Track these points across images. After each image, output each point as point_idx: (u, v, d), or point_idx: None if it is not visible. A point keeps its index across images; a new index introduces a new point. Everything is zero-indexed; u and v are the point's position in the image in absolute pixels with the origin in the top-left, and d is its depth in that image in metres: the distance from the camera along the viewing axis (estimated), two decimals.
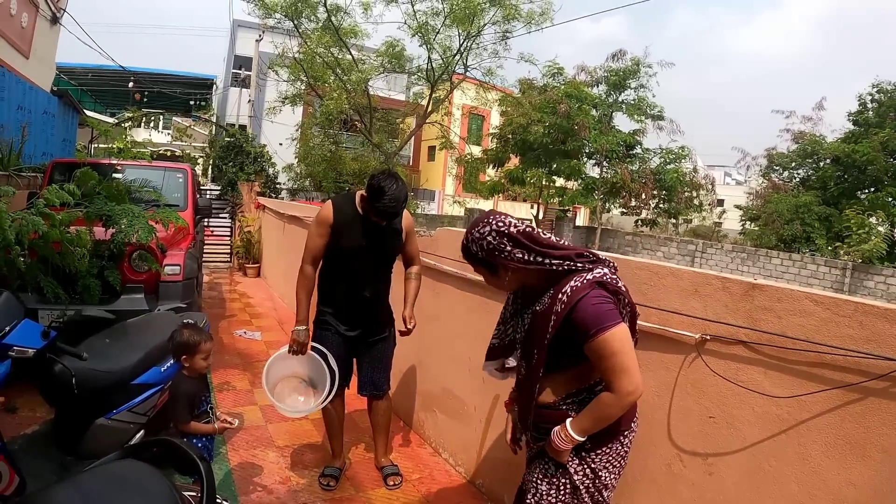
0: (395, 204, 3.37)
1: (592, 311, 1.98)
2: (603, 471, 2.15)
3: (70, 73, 23.89)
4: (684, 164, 23.54)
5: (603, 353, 1.98)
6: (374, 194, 3.34)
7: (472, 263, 2.29)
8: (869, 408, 1.94)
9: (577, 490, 2.15)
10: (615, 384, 1.99)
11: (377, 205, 3.35)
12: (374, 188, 3.35)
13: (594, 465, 2.15)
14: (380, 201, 3.33)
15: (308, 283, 3.64)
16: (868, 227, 18.01)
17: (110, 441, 3.21)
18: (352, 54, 19.48)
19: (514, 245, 2.10)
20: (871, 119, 24.18)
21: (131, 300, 5.19)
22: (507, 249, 2.10)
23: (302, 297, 3.63)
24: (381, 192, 3.32)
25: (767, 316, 2.20)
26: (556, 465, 2.19)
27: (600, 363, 2.01)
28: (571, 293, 2.00)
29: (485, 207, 27.83)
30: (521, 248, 2.10)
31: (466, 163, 24.38)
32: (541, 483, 2.23)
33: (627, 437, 2.21)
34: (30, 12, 9.76)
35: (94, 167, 5.51)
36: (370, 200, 3.38)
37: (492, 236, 2.12)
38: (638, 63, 22.61)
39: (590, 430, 2.07)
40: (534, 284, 2.22)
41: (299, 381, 3.73)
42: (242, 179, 16.23)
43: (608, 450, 2.15)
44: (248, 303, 9.86)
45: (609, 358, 1.98)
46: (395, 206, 3.38)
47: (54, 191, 4.07)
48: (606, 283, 2.04)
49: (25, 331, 2.80)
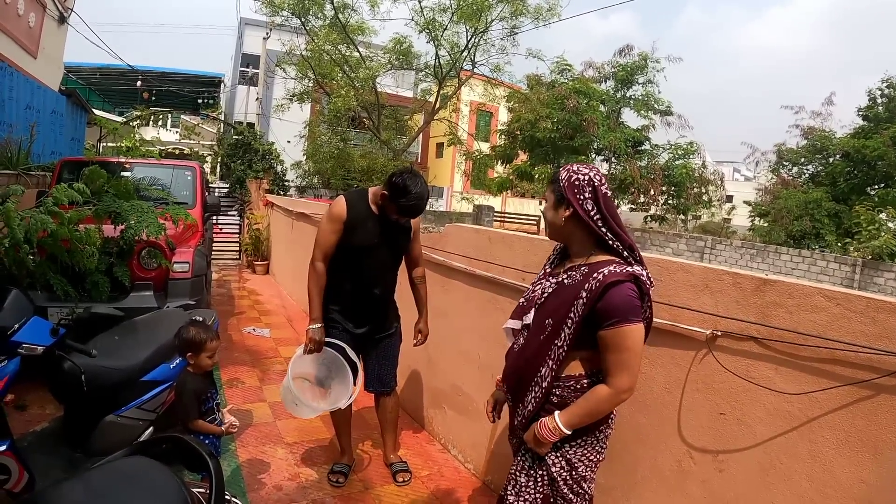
0: (420, 202, 3.38)
1: (622, 301, 1.96)
2: (579, 463, 2.15)
3: (78, 73, 23.95)
4: (693, 160, 23.43)
5: (617, 345, 1.98)
6: (398, 192, 3.33)
7: (552, 185, 2.23)
8: (881, 404, 1.92)
9: (554, 482, 2.15)
10: (615, 379, 2.00)
11: (401, 201, 3.34)
12: (397, 186, 3.33)
13: (569, 457, 2.14)
14: (404, 197, 3.32)
15: (320, 279, 3.59)
16: (878, 224, 17.88)
17: (119, 438, 3.23)
18: (359, 51, 19.51)
19: (594, 198, 2.09)
20: (880, 114, 24.05)
21: (140, 297, 5.20)
22: (584, 195, 2.10)
23: (314, 295, 3.58)
24: (405, 189, 3.31)
25: (779, 312, 2.19)
26: (532, 457, 2.19)
27: (610, 354, 2.00)
28: (607, 276, 1.98)
29: (493, 204, 27.84)
30: (595, 204, 2.09)
31: (475, 159, 24.37)
32: (519, 475, 2.23)
33: (604, 432, 2.20)
34: (37, 12, 9.78)
35: (103, 165, 5.53)
36: (393, 197, 3.36)
37: (584, 177, 2.12)
38: (646, 58, 22.54)
39: (578, 424, 2.07)
40: (574, 249, 2.21)
41: (305, 381, 3.70)
42: (251, 177, 16.25)
43: (583, 442, 2.15)
44: (257, 300, 9.87)
45: (621, 352, 1.98)
46: (418, 204, 3.39)
47: (63, 189, 4.09)
48: (642, 282, 2.02)
49: (34, 328, 2.80)
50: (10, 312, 2.74)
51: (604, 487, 2.77)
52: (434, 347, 4.43)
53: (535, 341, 2.18)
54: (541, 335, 2.14)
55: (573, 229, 2.17)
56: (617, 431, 2.33)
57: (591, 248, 2.13)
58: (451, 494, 3.80)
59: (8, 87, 7.96)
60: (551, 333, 2.09)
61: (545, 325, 2.13)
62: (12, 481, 2.62)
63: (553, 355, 2.08)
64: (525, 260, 3.52)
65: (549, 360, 2.09)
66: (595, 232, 2.09)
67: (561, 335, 2.06)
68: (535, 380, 2.13)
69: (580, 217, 2.10)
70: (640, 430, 2.71)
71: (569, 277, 2.14)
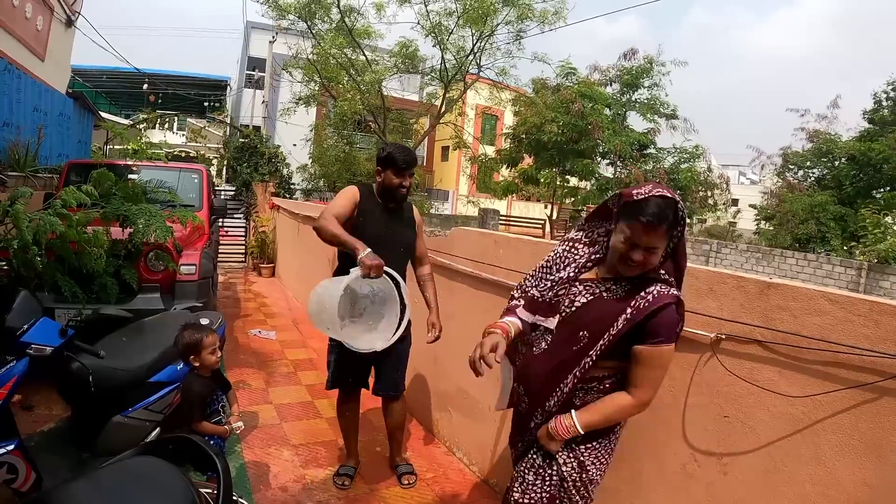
0: (409, 151, 3.64)
1: (669, 321, 2.00)
2: (591, 465, 2.16)
3: (85, 76, 24.08)
4: (698, 164, 23.33)
5: (652, 362, 2.02)
6: (388, 154, 3.58)
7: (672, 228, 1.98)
8: (884, 407, 1.93)
9: (563, 481, 2.16)
10: (640, 392, 2.06)
11: (396, 157, 3.54)
12: (383, 150, 3.64)
13: (582, 458, 2.16)
14: (395, 153, 3.55)
15: (338, 221, 3.34)
16: (884, 227, 17.83)
17: (126, 439, 3.25)
18: (365, 55, 19.51)
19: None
20: (886, 117, 23.99)
21: (147, 299, 5.23)
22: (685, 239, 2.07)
23: (340, 233, 3.27)
24: (391, 152, 3.58)
25: (783, 315, 2.20)
26: (543, 455, 2.20)
27: (642, 368, 2.04)
28: (657, 297, 1.99)
29: (499, 207, 27.82)
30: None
31: (480, 163, 24.35)
32: (528, 473, 2.24)
33: (616, 434, 2.24)
34: (45, 15, 9.83)
35: (110, 168, 5.56)
36: (387, 162, 3.56)
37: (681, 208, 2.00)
38: (651, 62, 22.46)
39: (595, 426, 2.10)
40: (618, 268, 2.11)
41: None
42: (257, 180, 16.30)
43: (598, 444, 2.17)
44: (263, 302, 9.90)
45: (654, 368, 2.04)
46: (409, 153, 3.63)
47: (72, 192, 4.12)
48: (683, 306, 2.06)
49: (43, 329, 2.83)
50: (19, 313, 2.77)
51: (610, 490, 2.77)
52: (440, 350, 4.43)
53: (564, 351, 2.14)
54: (573, 346, 2.11)
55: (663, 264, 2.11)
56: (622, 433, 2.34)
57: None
58: (457, 497, 3.81)
59: (16, 90, 7.99)
60: (586, 346, 2.08)
61: (579, 336, 2.10)
62: (20, 480, 2.64)
63: (583, 365, 2.08)
64: (530, 262, 3.51)
65: (577, 370, 2.09)
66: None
67: (594, 347, 2.06)
68: (559, 387, 2.13)
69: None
70: (645, 433, 2.71)
71: (608, 291, 2.12)
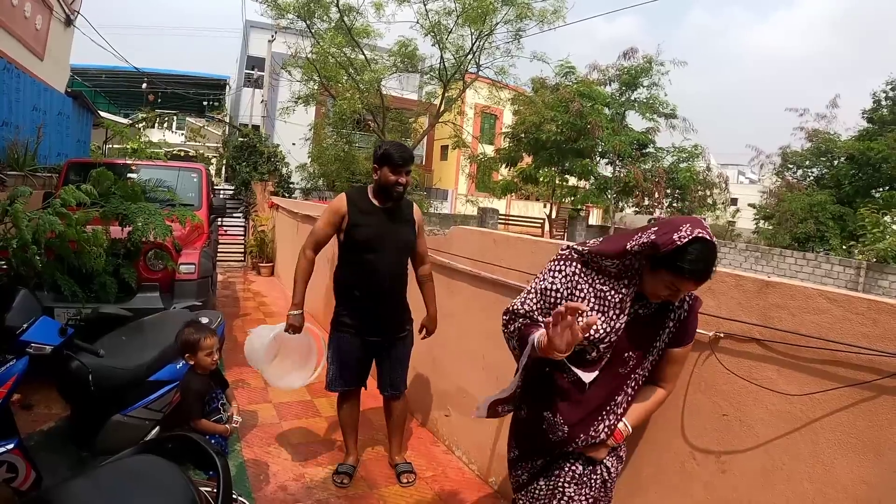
0: (405, 148, 3.64)
1: (696, 322, 2.15)
2: (623, 453, 2.30)
3: (84, 75, 24.01)
4: (697, 163, 23.39)
5: (682, 360, 2.20)
6: (384, 151, 3.58)
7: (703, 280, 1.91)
8: (882, 405, 1.93)
9: (605, 482, 2.20)
10: (670, 386, 2.24)
11: (391, 153, 3.53)
12: (380, 148, 3.65)
13: (621, 454, 2.27)
14: (390, 150, 3.56)
15: (308, 267, 3.69)
16: (883, 226, 17.82)
17: (126, 437, 3.25)
18: (364, 54, 19.48)
19: None
20: (885, 116, 24.02)
21: (147, 298, 5.24)
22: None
23: (299, 281, 3.67)
24: (387, 149, 3.59)
25: (781, 314, 2.20)
26: (584, 464, 2.20)
27: (674, 366, 2.17)
28: (693, 301, 2.11)
29: (498, 207, 27.81)
30: None
31: (479, 162, 24.36)
32: (568, 487, 2.20)
33: None
34: (44, 14, 9.82)
35: (109, 167, 5.56)
36: (382, 160, 3.55)
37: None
38: (650, 61, 22.47)
39: (639, 424, 2.26)
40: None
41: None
42: (256, 179, 16.28)
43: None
44: (262, 301, 9.91)
45: (682, 364, 2.22)
46: (405, 150, 3.62)
47: (71, 191, 4.12)
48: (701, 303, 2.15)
49: (43, 328, 2.83)
50: (18, 312, 2.77)
51: None
52: (440, 349, 4.44)
53: (613, 378, 2.12)
54: (620, 369, 2.11)
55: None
56: None
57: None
58: (456, 495, 3.81)
59: (15, 89, 7.98)
60: (635, 365, 2.12)
61: (625, 358, 2.10)
62: (20, 479, 2.64)
63: (634, 383, 2.16)
64: (529, 261, 3.53)
65: (629, 388, 2.17)
66: None
67: (645, 363, 2.14)
68: (610, 408, 2.16)
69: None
70: (645, 431, 2.72)
71: (643, 308, 2.09)
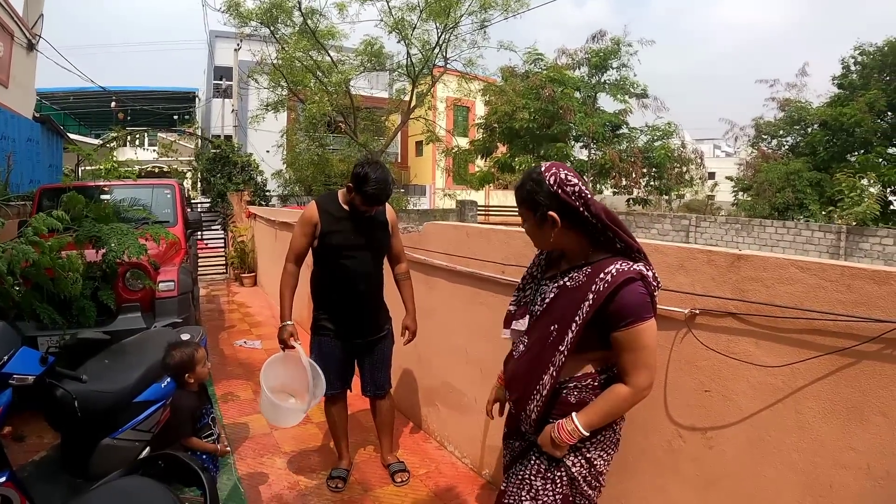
0: (383, 186, 3.45)
1: (634, 300, 1.91)
2: (597, 459, 2.10)
3: (52, 98, 23.88)
4: (672, 141, 23.51)
5: (633, 345, 1.93)
6: (360, 181, 3.42)
7: (530, 200, 2.03)
8: (863, 371, 1.95)
9: (574, 480, 2.10)
10: (634, 378, 1.95)
11: (365, 189, 3.41)
12: (359, 175, 3.43)
13: (589, 455, 2.09)
14: (367, 185, 3.40)
15: (292, 280, 3.71)
16: (860, 190, 17.95)
17: (117, 460, 3.23)
18: (330, 56, 19.45)
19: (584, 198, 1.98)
20: (855, 82, 24.17)
21: (128, 319, 5.20)
22: (576, 205, 1.97)
23: (286, 295, 3.68)
24: (365, 178, 3.40)
25: (755, 286, 2.22)
26: (549, 460, 2.12)
27: (626, 354, 1.95)
28: (616, 276, 1.91)
29: (476, 198, 27.82)
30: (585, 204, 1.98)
31: (454, 155, 24.38)
32: (535, 479, 2.15)
33: (619, 424, 2.17)
34: (5, 41, 9.72)
35: (81, 190, 5.53)
36: (357, 187, 3.44)
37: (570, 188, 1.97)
38: (618, 42, 22.60)
39: (597, 424, 2.01)
40: (571, 253, 2.11)
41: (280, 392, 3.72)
42: (231, 190, 16.22)
43: (602, 439, 2.10)
44: (247, 312, 9.87)
45: (637, 350, 1.94)
46: (382, 188, 3.46)
47: (42, 218, 4.09)
48: (649, 281, 1.97)
49: (23, 358, 2.80)
50: None
51: None
52: (424, 346, 4.45)
53: (537, 347, 2.11)
54: (545, 341, 2.06)
55: (567, 237, 2.05)
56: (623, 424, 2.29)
57: (589, 248, 2.05)
58: (451, 490, 3.83)
59: None
60: (556, 339, 2.02)
61: (550, 331, 2.05)
62: None
63: (556, 361, 2.01)
64: (503, 252, 3.56)
65: (551, 367, 2.02)
66: (594, 231, 2.01)
67: (565, 340, 1.99)
68: (537, 388, 2.06)
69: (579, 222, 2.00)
70: (630, 413, 2.74)
71: (570, 279, 2.06)
